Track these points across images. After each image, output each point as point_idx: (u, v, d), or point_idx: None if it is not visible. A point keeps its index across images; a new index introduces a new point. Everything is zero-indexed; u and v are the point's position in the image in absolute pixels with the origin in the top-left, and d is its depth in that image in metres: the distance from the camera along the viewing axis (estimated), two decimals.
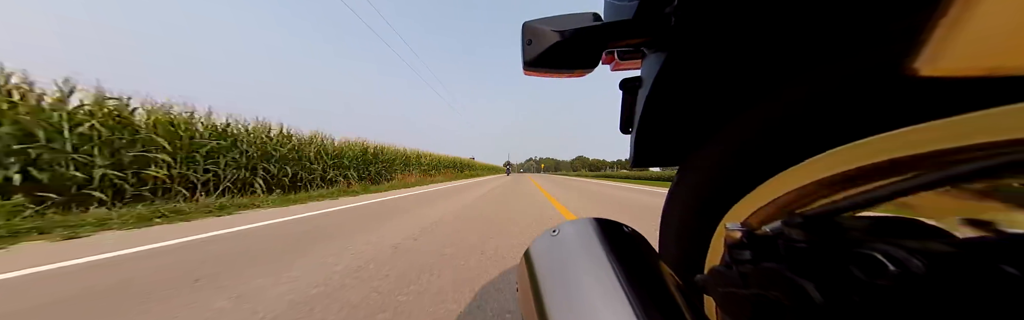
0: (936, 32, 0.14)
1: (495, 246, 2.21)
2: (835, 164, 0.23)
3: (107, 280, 1.60)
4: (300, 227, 3.06)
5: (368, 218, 3.61)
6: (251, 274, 1.66)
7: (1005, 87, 0.15)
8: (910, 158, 0.19)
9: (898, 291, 0.15)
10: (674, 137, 0.42)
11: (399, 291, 1.42)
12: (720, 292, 0.24)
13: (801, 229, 0.20)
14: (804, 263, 0.19)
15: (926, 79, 0.16)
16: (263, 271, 1.71)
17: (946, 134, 0.17)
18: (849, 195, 0.21)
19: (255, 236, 2.66)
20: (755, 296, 0.21)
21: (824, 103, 0.24)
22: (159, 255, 2.08)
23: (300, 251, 2.12)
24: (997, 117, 0.15)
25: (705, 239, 0.38)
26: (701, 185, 0.39)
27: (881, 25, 0.21)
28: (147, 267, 1.82)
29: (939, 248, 0.15)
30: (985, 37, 0.12)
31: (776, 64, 0.30)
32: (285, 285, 1.50)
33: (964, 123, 0.16)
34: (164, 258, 2.01)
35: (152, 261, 1.94)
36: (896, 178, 0.20)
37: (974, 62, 0.13)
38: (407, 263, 1.83)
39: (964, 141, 0.16)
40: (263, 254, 2.06)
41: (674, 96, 0.36)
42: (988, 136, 0.15)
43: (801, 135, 0.27)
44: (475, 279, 1.55)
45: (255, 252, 2.11)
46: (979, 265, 0.14)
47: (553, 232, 0.36)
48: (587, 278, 0.27)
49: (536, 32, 0.39)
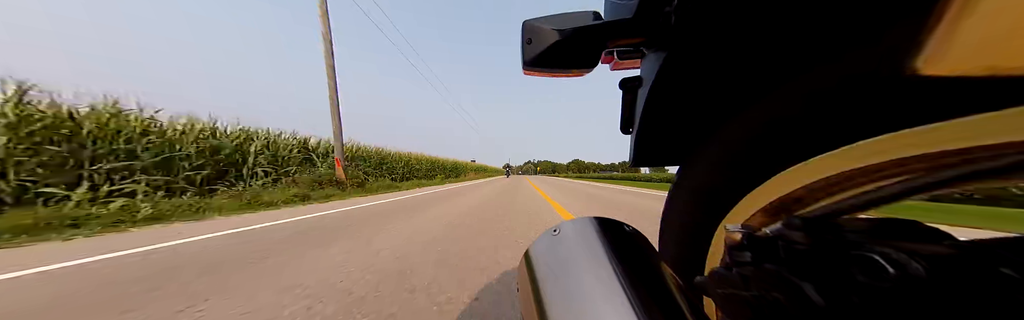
0: (936, 32, 0.14)
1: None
2: (835, 165, 0.23)
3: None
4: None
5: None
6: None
7: (1005, 87, 0.15)
8: (910, 160, 0.19)
9: (898, 293, 0.15)
10: (674, 137, 0.41)
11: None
12: (720, 293, 0.24)
13: (801, 231, 0.20)
14: (804, 265, 0.19)
15: (926, 79, 0.16)
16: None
17: (946, 136, 0.17)
18: (849, 197, 0.21)
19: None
20: (755, 298, 0.21)
21: (824, 103, 0.24)
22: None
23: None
24: (998, 120, 0.15)
25: (705, 240, 0.38)
26: (701, 185, 0.39)
27: (881, 24, 0.21)
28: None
29: (939, 250, 0.15)
30: (985, 37, 0.12)
31: (776, 63, 0.30)
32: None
33: (965, 125, 0.16)
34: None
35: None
36: (896, 180, 0.20)
37: (974, 62, 0.13)
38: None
39: (965, 143, 0.16)
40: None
41: (674, 96, 0.36)
42: (989, 139, 0.15)
43: (801, 135, 0.26)
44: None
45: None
46: (979, 267, 0.14)
47: (554, 232, 0.36)
48: (588, 278, 0.27)
49: (536, 31, 0.38)
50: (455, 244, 2.36)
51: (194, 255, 2.16)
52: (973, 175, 0.15)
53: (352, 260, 1.96)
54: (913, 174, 0.19)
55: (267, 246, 2.38)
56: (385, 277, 1.64)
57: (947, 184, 0.16)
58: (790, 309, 0.19)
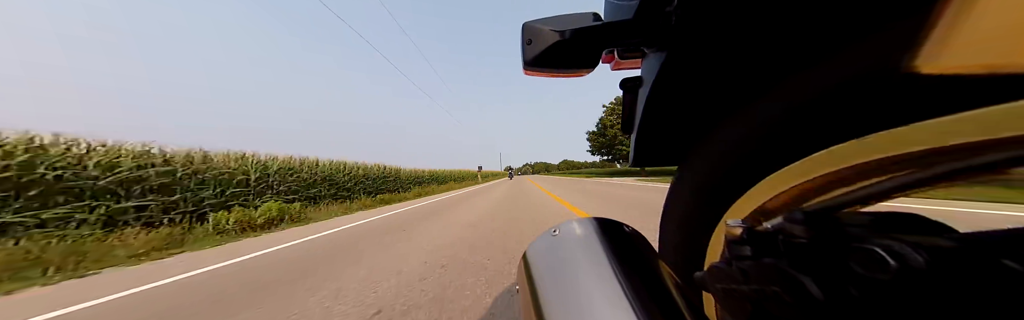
0: (936, 30, 0.14)
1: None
2: (835, 161, 0.23)
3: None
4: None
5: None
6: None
7: (1005, 85, 0.15)
8: (911, 155, 0.19)
9: (899, 286, 0.15)
10: (675, 136, 0.41)
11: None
12: (719, 289, 0.24)
13: (802, 225, 0.20)
14: (804, 258, 0.19)
15: (926, 77, 0.17)
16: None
17: (946, 131, 0.17)
18: (850, 191, 0.21)
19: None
20: (755, 292, 0.21)
21: (824, 101, 0.24)
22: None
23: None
24: (997, 115, 0.15)
25: (705, 237, 0.38)
26: (702, 183, 0.39)
27: (880, 23, 0.21)
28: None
29: (940, 243, 0.15)
30: (985, 35, 0.12)
31: (776, 62, 0.30)
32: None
33: (964, 121, 0.17)
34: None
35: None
36: (897, 174, 0.20)
37: (974, 60, 0.13)
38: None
39: (964, 138, 0.16)
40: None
41: (675, 95, 0.36)
42: (989, 134, 0.15)
43: (801, 132, 0.27)
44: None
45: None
46: (980, 260, 0.14)
47: (553, 232, 0.36)
48: (587, 278, 0.27)
49: (536, 32, 0.39)
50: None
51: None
52: (972, 170, 0.15)
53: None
54: (912, 170, 0.20)
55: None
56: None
57: (947, 179, 0.17)
58: (790, 303, 0.19)
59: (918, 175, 0.18)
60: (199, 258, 3.47)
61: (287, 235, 4.69)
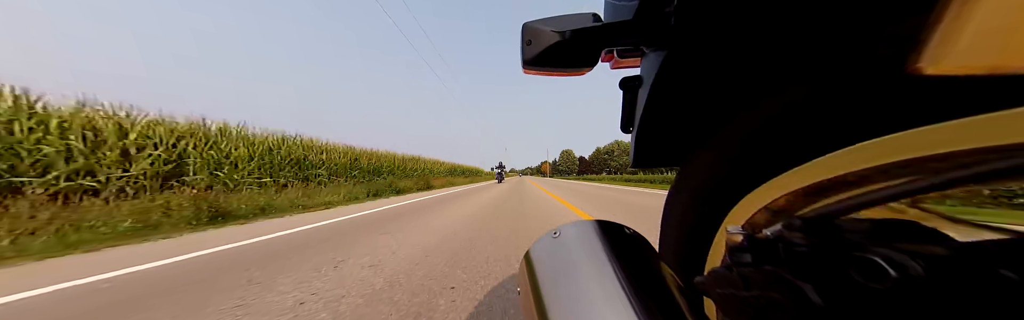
0: (937, 31, 0.14)
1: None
2: (836, 166, 0.23)
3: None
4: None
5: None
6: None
7: (1007, 87, 0.15)
8: (910, 161, 0.19)
9: (897, 294, 0.15)
10: (675, 137, 0.41)
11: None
12: (720, 294, 0.24)
13: (801, 232, 0.20)
14: (804, 266, 0.19)
15: (927, 79, 0.16)
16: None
17: (947, 137, 0.17)
18: (849, 197, 0.21)
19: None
20: (755, 298, 0.21)
21: (825, 104, 0.24)
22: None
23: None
24: (999, 121, 0.15)
25: (706, 240, 0.38)
26: (701, 186, 0.39)
27: (881, 24, 0.21)
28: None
29: (938, 251, 0.15)
30: (987, 36, 0.12)
31: (777, 64, 0.29)
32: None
33: (966, 127, 0.16)
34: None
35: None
36: (896, 181, 0.20)
37: (976, 61, 0.13)
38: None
39: (966, 145, 0.16)
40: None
41: (674, 96, 0.36)
42: (991, 140, 0.15)
43: (802, 136, 0.26)
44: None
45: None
46: (977, 268, 0.14)
47: (554, 234, 0.36)
48: (588, 280, 0.27)
49: (536, 33, 0.39)
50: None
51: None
52: (975, 177, 0.15)
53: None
54: (914, 175, 0.19)
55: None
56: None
57: (949, 185, 0.16)
58: (790, 310, 0.19)
59: (919, 181, 0.18)
60: (389, 201, 7.31)
61: (419, 195, 9.59)
